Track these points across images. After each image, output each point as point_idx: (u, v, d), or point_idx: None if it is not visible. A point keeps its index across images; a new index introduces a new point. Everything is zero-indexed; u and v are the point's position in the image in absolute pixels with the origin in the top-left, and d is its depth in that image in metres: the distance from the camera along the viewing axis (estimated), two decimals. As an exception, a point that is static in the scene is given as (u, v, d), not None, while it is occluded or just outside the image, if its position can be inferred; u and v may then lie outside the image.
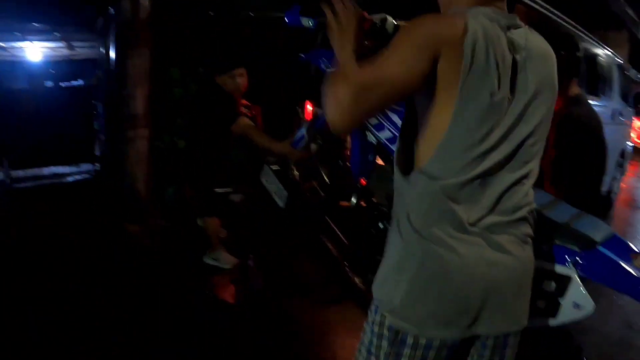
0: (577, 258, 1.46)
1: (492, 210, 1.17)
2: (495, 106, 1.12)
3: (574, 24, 4.91)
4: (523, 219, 1.22)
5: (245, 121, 3.67)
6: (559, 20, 4.37)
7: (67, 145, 7.06)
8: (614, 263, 1.44)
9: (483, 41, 1.09)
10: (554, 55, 1.28)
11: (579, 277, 1.43)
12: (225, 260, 3.86)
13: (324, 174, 3.35)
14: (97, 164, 7.16)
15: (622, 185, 7.70)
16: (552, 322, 1.47)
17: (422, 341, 1.18)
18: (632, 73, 9.53)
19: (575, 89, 2.81)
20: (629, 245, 1.55)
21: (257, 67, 4.36)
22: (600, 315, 2.02)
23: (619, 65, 6.80)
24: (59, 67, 9.85)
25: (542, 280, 1.45)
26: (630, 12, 16.38)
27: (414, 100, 1.21)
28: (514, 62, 1.15)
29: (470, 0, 1.18)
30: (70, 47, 9.49)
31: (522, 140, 1.18)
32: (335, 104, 1.13)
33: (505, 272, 1.19)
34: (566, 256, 1.46)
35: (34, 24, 8.64)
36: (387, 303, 1.22)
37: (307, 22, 1.52)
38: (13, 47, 9.19)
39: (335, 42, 1.27)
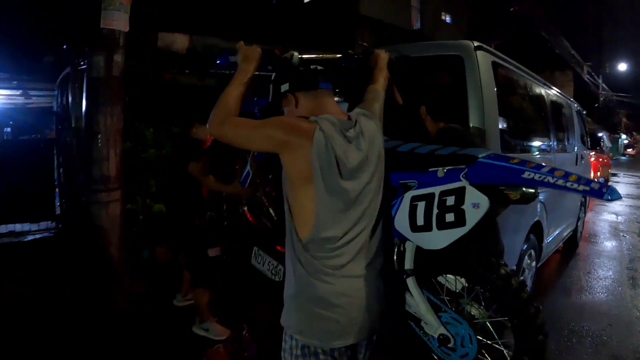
0: (466, 171, 1.79)
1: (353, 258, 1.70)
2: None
3: (542, 80, 5.08)
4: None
5: (197, 166, 3.63)
6: (528, 76, 4.50)
7: (25, 201, 6.63)
8: (492, 165, 1.79)
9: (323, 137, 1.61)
10: (378, 127, 1.84)
11: (471, 184, 1.75)
12: (217, 331, 3.64)
13: (270, 209, 3.45)
14: (57, 222, 6.76)
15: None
16: (464, 229, 1.74)
17: (327, 350, 1.68)
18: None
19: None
20: (509, 156, 1.84)
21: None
22: None
23: (578, 111, 7.08)
24: (15, 117, 9.41)
25: (445, 199, 1.79)
26: (574, 53, 17.52)
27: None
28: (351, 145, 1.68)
29: (315, 111, 1.72)
30: (27, 96, 9.15)
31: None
32: (212, 113, 1.70)
33: (366, 292, 1.70)
34: (458, 174, 1.79)
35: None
36: (294, 327, 1.71)
37: (233, 60, 1.91)
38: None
39: (238, 72, 1.80)
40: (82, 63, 5.15)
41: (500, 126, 3.41)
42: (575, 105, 7.04)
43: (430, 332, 2.03)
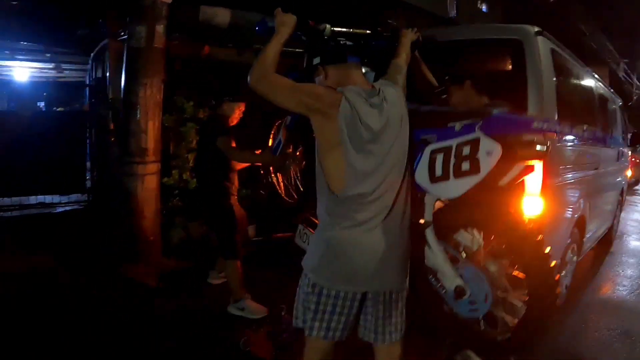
0: (481, 124, 1.91)
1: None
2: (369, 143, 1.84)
3: (592, 72, 4.91)
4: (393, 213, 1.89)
5: (226, 140, 3.58)
6: (581, 67, 4.35)
7: (56, 173, 6.65)
8: (505, 117, 1.97)
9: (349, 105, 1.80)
10: (400, 94, 2.00)
11: (484, 135, 1.88)
12: (253, 309, 3.52)
13: (298, 178, 3.59)
14: (88, 195, 6.79)
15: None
16: (479, 177, 1.87)
17: (332, 292, 1.85)
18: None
19: None
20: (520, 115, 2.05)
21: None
22: None
23: (621, 107, 6.86)
24: (47, 90, 9.45)
25: (461, 150, 1.92)
26: (610, 47, 17.01)
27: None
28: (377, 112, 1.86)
29: (343, 82, 1.90)
30: (59, 69, 9.18)
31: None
32: (252, 69, 1.82)
33: (384, 249, 1.84)
34: (474, 127, 1.91)
35: (22, 42, 8.33)
36: (309, 266, 1.93)
37: (270, 25, 1.97)
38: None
39: (275, 34, 1.91)
40: (121, 33, 5.11)
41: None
42: (619, 100, 6.82)
43: (447, 284, 2.14)
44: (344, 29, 2.21)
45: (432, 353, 3.00)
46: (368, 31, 2.36)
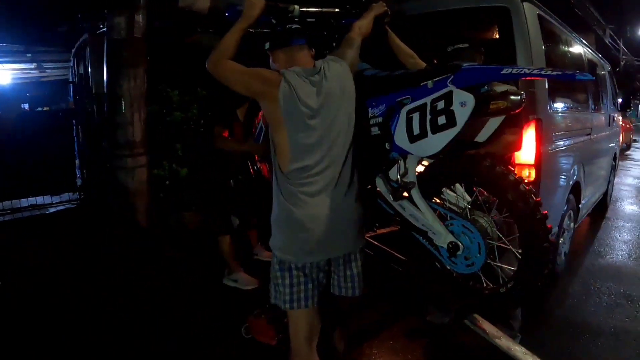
0: (452, 78, 1.92)
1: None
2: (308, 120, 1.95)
3: (580, 37, 4.86)
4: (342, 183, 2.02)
5: (216, 130, 3.63)
6: (568, 32, 4.29)
7: (46, 174, 6.55)
8: (474, 69, 1.95)
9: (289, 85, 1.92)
10: (345, 69, 2.08)
11: (456, 87, 1.89)
12: (245, 281, 3.73)
13: None
14: (80, 193, 6.70)
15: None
16: (456, 129, 1.87)
17: (300, 265, 2.02)
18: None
19: None
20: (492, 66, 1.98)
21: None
22: None
23: (610, 72, 6.83)
24: (31, 90, 9.28)
25: (436, 105, 1.94)
26: (596, 14, 16.95)
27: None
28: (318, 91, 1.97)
29: (289, 64, 2.02)
30: (41, 69, 9.03)
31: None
32: (212, 52, 1.94)
33: (337, 217, 1.99)
34: (445, 82, 1.93)
35: (2, 44, 8.16)
36: (275, 245, 2.05)
37: (239, 9, 2.04)
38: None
39: (241, 18, 1.99)
40: (100, 27, 5.00)
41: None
42: (607, 65, 6.79)
43: (439, 242, 2.16)
44: (312, 9, 2.28)
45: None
46: (337, 9, 2.40)
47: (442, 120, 1.92)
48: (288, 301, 2.05)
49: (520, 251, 2.01)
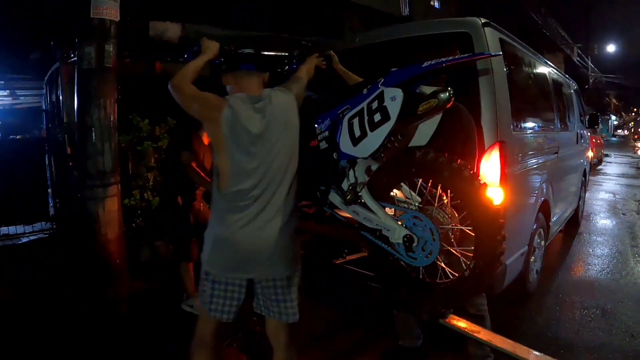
0: (382, 81, 2.17)
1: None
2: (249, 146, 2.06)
3: (544, 59, 5.00)
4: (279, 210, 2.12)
5: (189, 156, 3.64)
6: (532, 55, 4.41)
7: (18, 203, 6.44)
8: (400, 70, 2.16)
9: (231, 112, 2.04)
10: (291, 100, 2.23)
11: (386, 87, 2.13)
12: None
13: None
14: (52, 222, 6.59)
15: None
16: (390, 122, 2.09)
17: (222, 279, 2.13)
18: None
19: None
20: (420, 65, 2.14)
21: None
22: None
23: (576, 91, 7.02)
24: (3, 117, 9.16)
25: (371, 106, 2.16)
26: (564, 34, 17.49)
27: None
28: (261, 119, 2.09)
29: (238, 87, 2.18)
30: (14, 96, 8.93)
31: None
32: (173, 77, 2.06)
33: (261, 242, 2.08)
34: (377, 85, 2.18)
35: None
36: (203, 258, 2.16)
37: (195, 49, 2.22)
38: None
39: (200, 56, 2.15)
40: (72, 56, 4.98)
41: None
42: (573, 84, 6.98)
43: (395, 239, 2.27)
44: (266, 53, 2.58)
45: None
46: (286, 53, 2.69)
47: (377, 117, 2.13)
48: (207, 304, 2.17)
49: (470, 229, 2.15)
